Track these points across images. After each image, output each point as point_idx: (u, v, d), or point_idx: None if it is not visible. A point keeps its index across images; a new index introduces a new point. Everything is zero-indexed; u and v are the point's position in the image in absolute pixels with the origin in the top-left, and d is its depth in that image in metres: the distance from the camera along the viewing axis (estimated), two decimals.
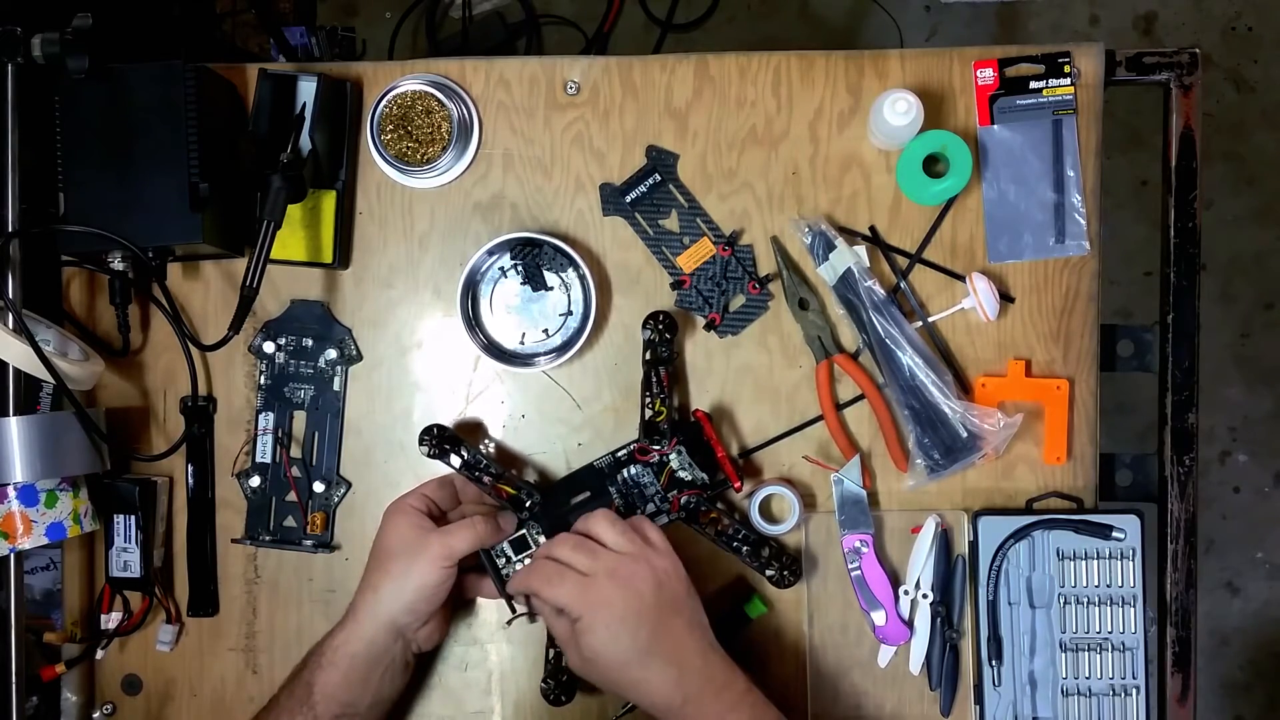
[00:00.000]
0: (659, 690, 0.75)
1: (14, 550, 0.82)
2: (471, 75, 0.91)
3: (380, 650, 0.80)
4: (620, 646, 0.75)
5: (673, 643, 0.76)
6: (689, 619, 0.78)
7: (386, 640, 0.80)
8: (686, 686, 0.75)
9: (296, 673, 0.81)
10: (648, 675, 0.75)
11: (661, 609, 0.76)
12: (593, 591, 0.75)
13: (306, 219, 0.89)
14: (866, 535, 0.87)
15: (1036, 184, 0.88)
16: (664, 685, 0.75)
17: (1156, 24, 2.02)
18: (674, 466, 0.85)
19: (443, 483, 0.86)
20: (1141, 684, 0.86)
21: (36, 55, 0.79)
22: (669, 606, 0.77)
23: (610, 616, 0.75)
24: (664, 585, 0.77)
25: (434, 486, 0.85)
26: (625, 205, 0.90)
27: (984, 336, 0.89)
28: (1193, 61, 0.89)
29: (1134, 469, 0.92)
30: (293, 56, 1.64)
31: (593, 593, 0.75)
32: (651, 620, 0.75)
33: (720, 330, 0.89)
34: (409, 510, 0.82)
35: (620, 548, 0.78)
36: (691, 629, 0.77)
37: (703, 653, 0.77)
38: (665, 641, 0.76)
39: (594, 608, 0.75)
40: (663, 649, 0.75)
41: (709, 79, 0.90)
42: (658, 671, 0.75)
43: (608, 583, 0.76)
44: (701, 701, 0.75)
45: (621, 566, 0.77)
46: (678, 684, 0.75)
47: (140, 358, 0.93)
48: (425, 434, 0.85)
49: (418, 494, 0.84)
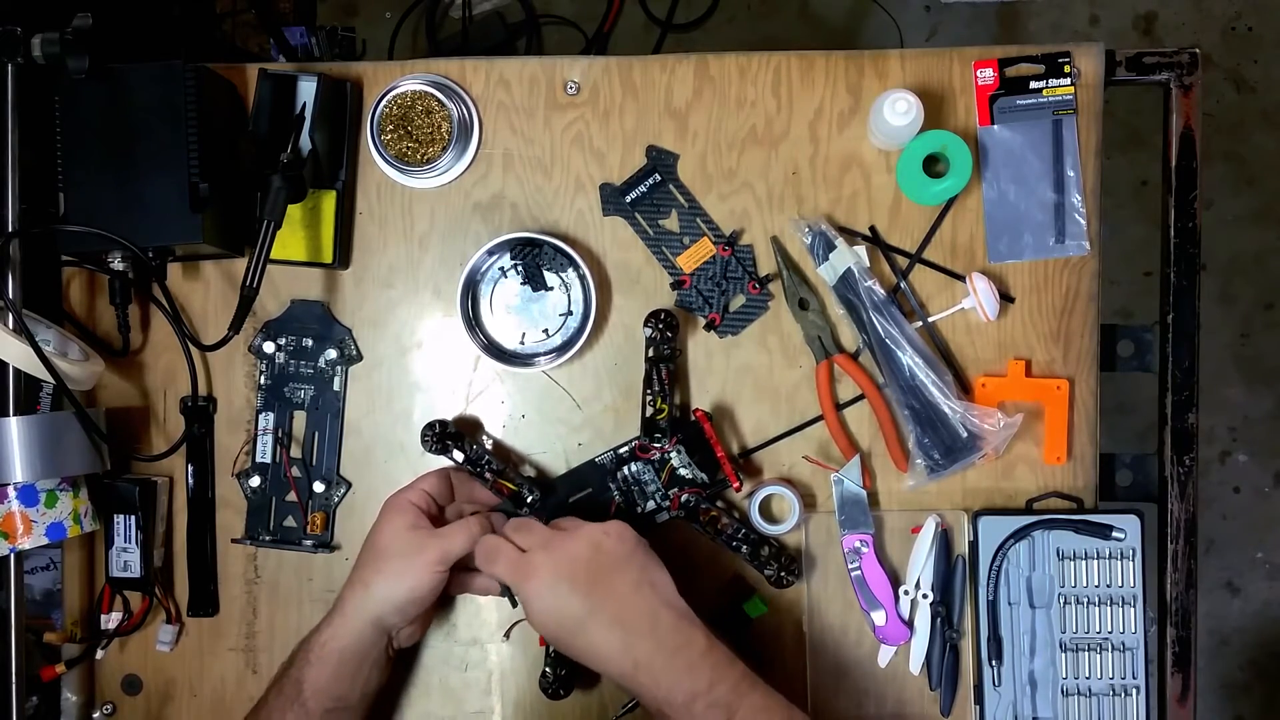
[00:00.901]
0: (608, 656, 0.74)
1: (14, 550, 0.82)
2: (471, 75, 0.91)
3: (367, 645, 0.80)
4: (560, 614, 0.74)
5: (615, 604, 0.74)
6: (635, 579, 0.75)
7: (373, 636, 0.80)
8: (636, 651, 0.73)
9: (284, 670, 0.81)
10: (592, 640, 0.74)
11: (598, 571, 0.75)
12: (525, 565, 0.76)
13: (306, 219, 0.89)
14: (866, 535, 0.87)
15: (1036, 184, 0.88)
16: (612, 651, 0.74)
17: (1156, 24, 2.02)
18: (675, 464, 0.85)
19: (440, 477, 0.86)
20: (1141, 684, 0.86)
21: (36, 55, 0.79)
22: (608, 567, 0.75)
23: (541, 584, 0.75)
24: (599, 549, 0.76)
25: (433, 481, 0.85)
26: (625, 205, 0.90)
27: (984, 336, 0.89)
28: (1193, 61, 0.89)
29: (1134, 469, 0.92)
30: (293, 56, 1.64)
31: (525, 566, 0.76)
32: (586, 583, 0.74)
33: (720, 330, 0.89)
34: (408, 509, 0.82)
35: (563, 526, 0.80)
36: (639, 588, 0.75)
37: (652, 613, 0.74)
38: (608, 604, 0.74)
39: (527, 577, 0.75)
40: (605, 611, 0.74)
41: (709, 79, 0.90)
42: (602, 637, 0.74)
43: (540, 553, 0.76)
44: (652, 667, 0.72)
45: (555, 539, 0.77)
46: (626, 649, 0.73)
47: (140, 358, 0.93)
48: (427, 429, 0.85)
49: (417, 490, 0.84)
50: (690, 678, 0.72)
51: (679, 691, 0.72)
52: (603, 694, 0.90)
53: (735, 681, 0.73)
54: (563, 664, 0.84)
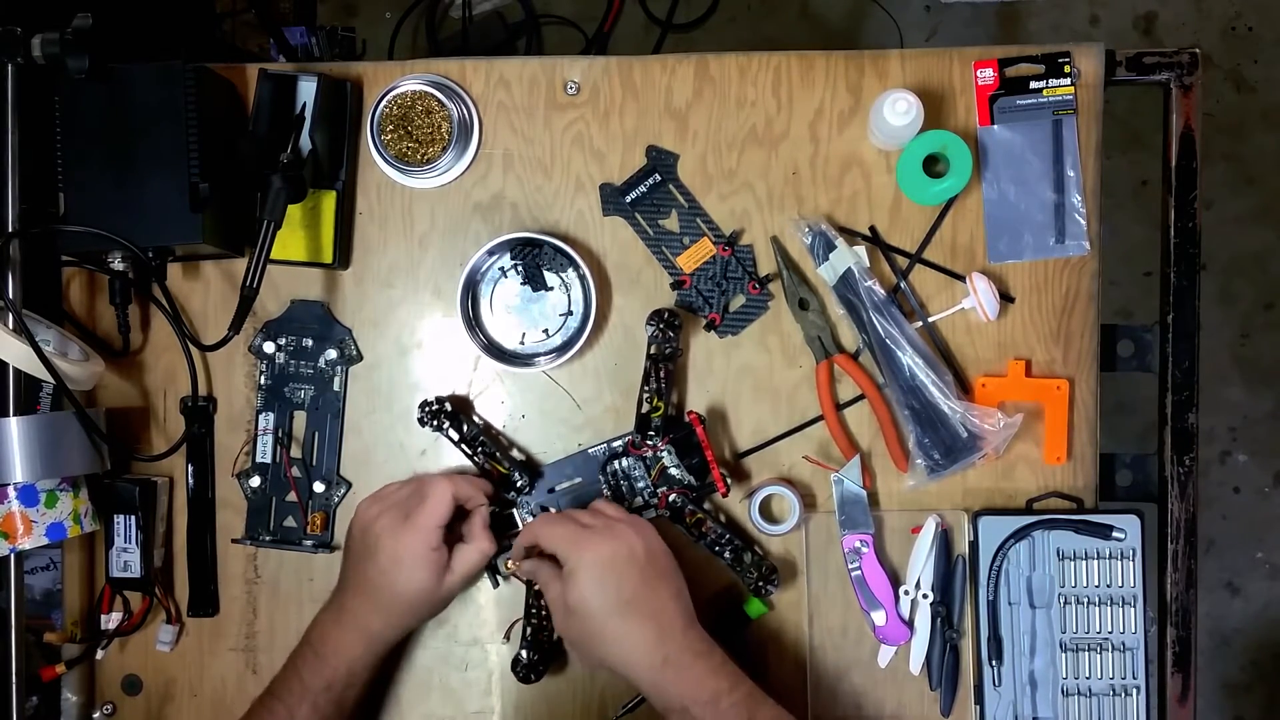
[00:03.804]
0: (639, 646, 0.76)
1: (14, 550, 0.82)
2: (471, 75, 0.91)
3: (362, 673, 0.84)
4: (605, 596, 0.76)
5: (657, 604, 0.78)
6: (674, 591, 0.79)
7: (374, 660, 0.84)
8: (667, 647, 0.76)
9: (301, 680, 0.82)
10: (629, 629, 0.76)
11: (649, 571, 0.78)
12: (586, 539, 0.78)
13: (306, 219, 0.89)
14: (867, 535, 0.87)
15: (1036, 184, 0.88)
16: (644, 642, 0.76)
17: (1156, 24, 2.02)
18: (666, 464, 0.86)
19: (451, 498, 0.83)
20: (1142, 684, 0.86)
21: (36, 55, 0.79)
22: (656, 572, 0.79)
23: (598, 562, 0.77)
24: (654, 554, 0.79)
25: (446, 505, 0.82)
26: (625, 205, 0.90)
27: (984, 336, 0.89)
28: (1193, 61, 0.89)
29: (1134, 469, 0.92)
30: (293, 56, 1.64)
31: (586, 540, 0.78)
32: (637, 577, 0.77)
33: (720, 330, 0.89)
34: (433, 553, 0.81)
35: (620, 517, 0.82)
36: (676, 600, 0.79)
37: (684, 622, 0.78)
38: (650, 601, 0.77)
39: (584, 552, 0.77)
40: (647, 606, 0.77)
41: (709, 79, 0.90)
42: (638, 627, 0.76)
43: (603, 534, 0.79)
44: (681, 664, 0.76)
45: (617, 526, 0.80)
46: (658, 643, 0.76)
47: (140, 358, 0.93)
48: (423, 406, 0.87)
49: (440, 518, 0.81)
50: (714, 679, 0.76)
51: (704, 690, 0.76)
52: (603, 694, 0.90)
53: (750, 689, 0.77)
54: (537, 649, 0.86)
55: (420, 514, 0.81)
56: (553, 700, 0.90)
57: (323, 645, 0.82)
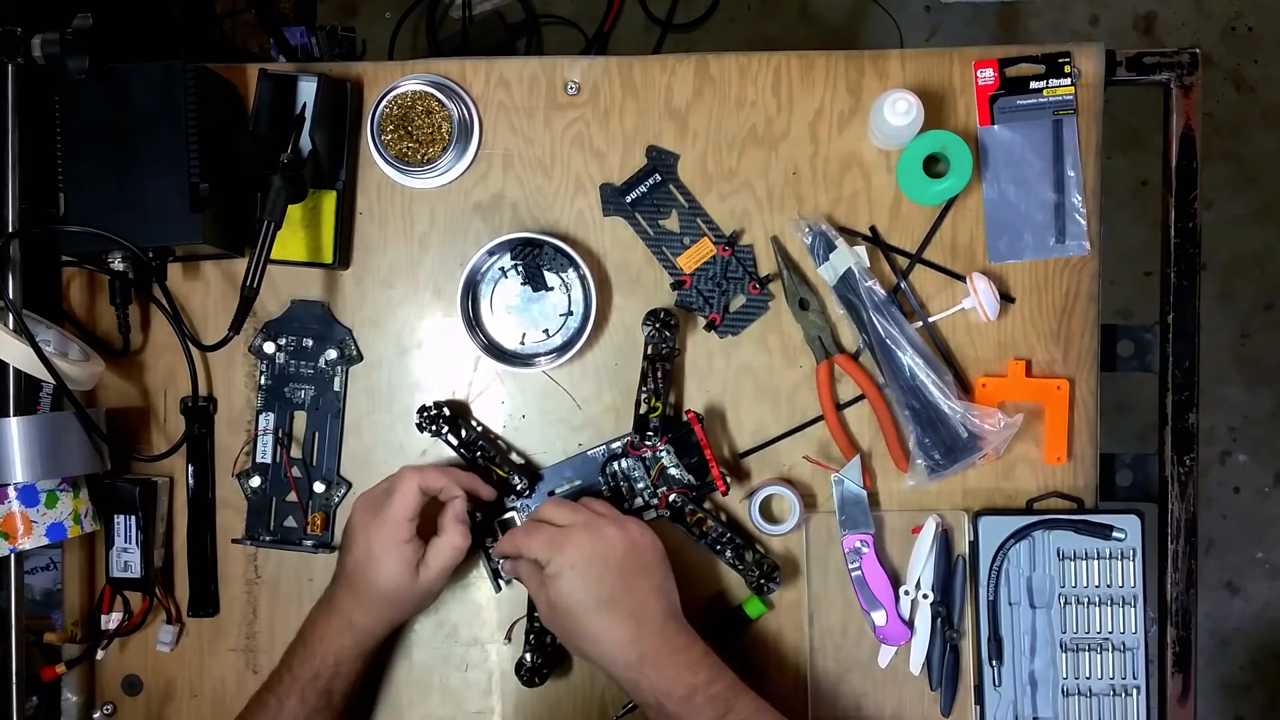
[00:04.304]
0: (616, 644, 0.77)
1: (14, 550, 0.82)
2: (471, 75, 0.91)
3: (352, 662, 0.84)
4: (584, 593, 0.77)
5: (636, 601, 0.78)
6: (656, 585, 0.79)
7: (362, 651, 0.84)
8: (643, 644, 0.77)
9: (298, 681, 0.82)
10: (607, 625, 0.77)
11: (628, 567, 0.78)
12: (564, 538, 0.78)
13: (306, 219, 0.89)
14: (867, 535, 0.87)
15: (1036, 184, 0.88)
16: (621, 639, 0.77)
17: (1156, 24, 2.02)
18: (665, 464, 0.86)
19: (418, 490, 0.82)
20: (1142, 684, 0.86)
21: (36, 55, 0.79)
22: (637, 567, 0.79)
23: (576, 560, 0.77)
24: (635, 547, 0.79)
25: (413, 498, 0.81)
26: (625, 205, 0.90)
27: (984, 336, 0.89)
28: (1193, 61, 0.89)
29: (1134, 469, 0.92)
30: (293, 56, 1.64)
31: (564, 539, 0.78)
32: (615, 573, 0.77)
33: (720, 330, 0.89)
34: (405, 545, 0.81)
35: (601, 511, 0.82)
36: (657, 595, 0.79)
37: (663, 617, 0.78)
38: (629, 598, 0.77)
39: (563, 552, 0.77)
40: (625, 604, 0.77)
41: (709, 79, 0.90)
42: (616, 624, 0.77)
43: (580, 532, 0.79)
44: (658, 661, 0.76)
45: (596, 521, 0.80)
46: (635, 640, 0.77)
47: (140, 358, 0.92)
48: (422, 412, 0.87)
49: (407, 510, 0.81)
50: (691, 673, 0.76)
51: (680, 685, 0.76)
52: (603, 695, 0.90)
53: (731, 682, 0.77)
54: (540, 653, 0.86)
55: (388, 507, 0.81)
56: (553, 701, 0.90)
57: (311, 636, 0.83)
